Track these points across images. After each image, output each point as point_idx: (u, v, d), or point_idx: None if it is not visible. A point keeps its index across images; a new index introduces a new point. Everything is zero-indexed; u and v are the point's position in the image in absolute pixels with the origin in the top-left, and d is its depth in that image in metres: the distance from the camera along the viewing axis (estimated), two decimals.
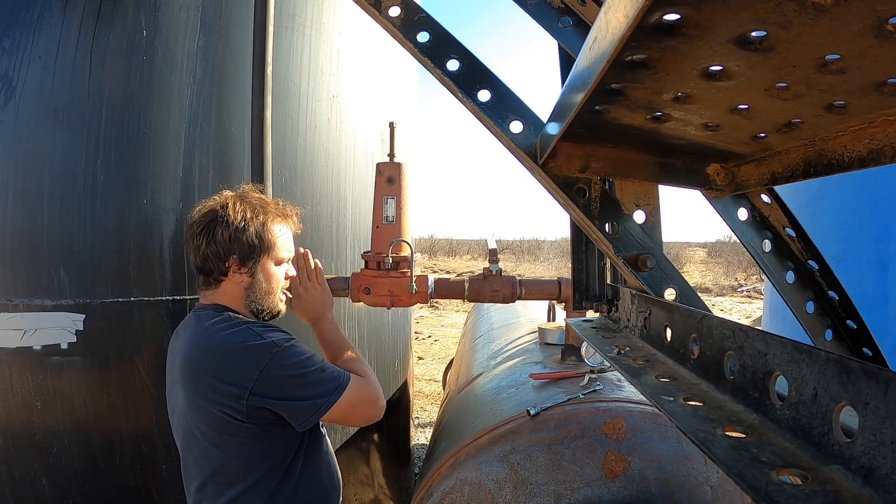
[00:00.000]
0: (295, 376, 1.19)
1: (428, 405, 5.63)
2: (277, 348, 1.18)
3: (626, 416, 1.38)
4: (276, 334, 1.23)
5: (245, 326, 1.21)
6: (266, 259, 1.30)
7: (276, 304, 1.35)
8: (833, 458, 0.40)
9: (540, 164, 0.85)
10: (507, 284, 1.73)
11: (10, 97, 1.70)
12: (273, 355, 1.17)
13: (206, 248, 1.25)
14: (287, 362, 1.18)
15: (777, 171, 0.78)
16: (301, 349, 1.23)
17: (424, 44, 0.97)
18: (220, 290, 1.30)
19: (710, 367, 0.61)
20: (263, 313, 1.33)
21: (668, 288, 0.85)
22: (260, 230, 1.28)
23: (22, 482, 1.74)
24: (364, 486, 2.42)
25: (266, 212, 1.31)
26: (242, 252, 1.26)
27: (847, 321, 0.96)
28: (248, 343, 1.17)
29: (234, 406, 1.15)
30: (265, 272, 1.30)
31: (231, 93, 1.88)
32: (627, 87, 0.57)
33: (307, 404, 1.19)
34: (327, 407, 1.20)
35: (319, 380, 1.21)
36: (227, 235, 1.24)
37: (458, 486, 1.41)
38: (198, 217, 1.29)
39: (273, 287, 1.33)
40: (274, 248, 1.31)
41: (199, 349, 1.19)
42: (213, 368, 1.17)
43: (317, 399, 1.20)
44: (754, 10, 0.38)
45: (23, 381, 1.70)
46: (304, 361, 1.21)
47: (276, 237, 1.32)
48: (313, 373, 1.21)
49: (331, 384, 1.22)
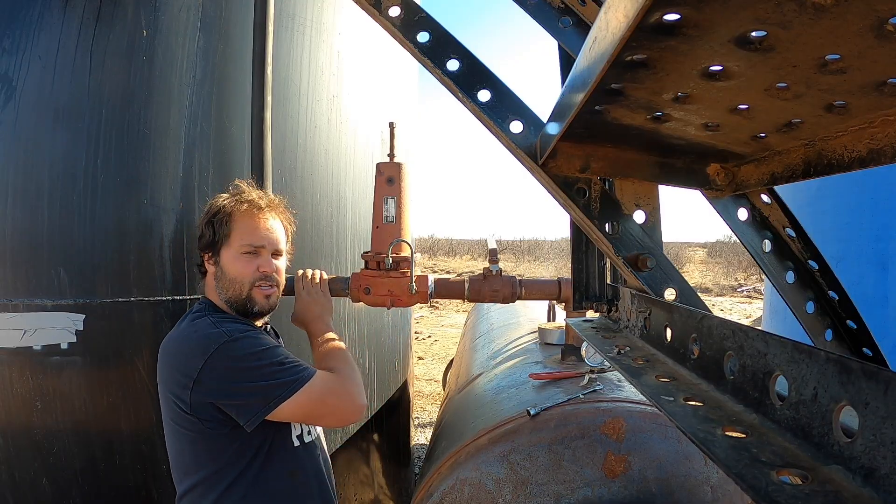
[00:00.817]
0: (244, 368, 1.13)
1: (428, 405, 5.63)
2: (227, 338, 1.14)
3: (626, 416, 1.38)
4: (235, 325, 1.19)
5: (205, 317, 1.21)
6: (226, 248, 1.29)
7: (243, 293, 1.28)
8: (833, 458, 0.40)
9: (540, 164, 0.85)
10: (507, 284, 1.73)
11: (10, 97, 1.70)
12: (221, 345, 1.13)
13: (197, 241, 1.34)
14: (237, 353, 1.13)
15: (777, 171, 0.78)
16: (259, 341, 1.18)
17: (424, 44, 0.97)
18: (206, 283, 1.35)
19: (710, 367, 0.61)
20: (233, 303, 1.29)
21: (668, 288, 0.85)
22: (216, 217, 1.28)
23: (22, 482, 1.74)
24: (364, 486, 2.42)
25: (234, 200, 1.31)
26: (203, 242, 1.30)
27: (847, 321, 0.96)
28: (200, 332, 1.17)
29: (181, 396, 1.14)
30: (227, 261, 1.28)
31: (231, 93, 1.88)
32: (627, 87, 0.57)
33: (255, 398, 1.12)
34: (278, 402, 1.12)
35: (273, 373, 1.14)
36: (200, 226, 1.32)
37: (458, 486, 1.41)
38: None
39: (237, 276, 1.28)
40: (232, 235, 1.28)
41: (167, 340, 1.24)
42: (171, 357, 1.19)
43: (266, 393, 1.12)
44: (754, 10, 0.38)
45: (23, 381, 1.69)
46: (258, 353, 1.15)
47: (238, 224, 1.29)
48: (267, 366, 1.14)
49: (286, 379, 1.14)
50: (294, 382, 1.14)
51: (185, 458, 1.21)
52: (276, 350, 1.19)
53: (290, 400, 1.13)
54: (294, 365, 1.18)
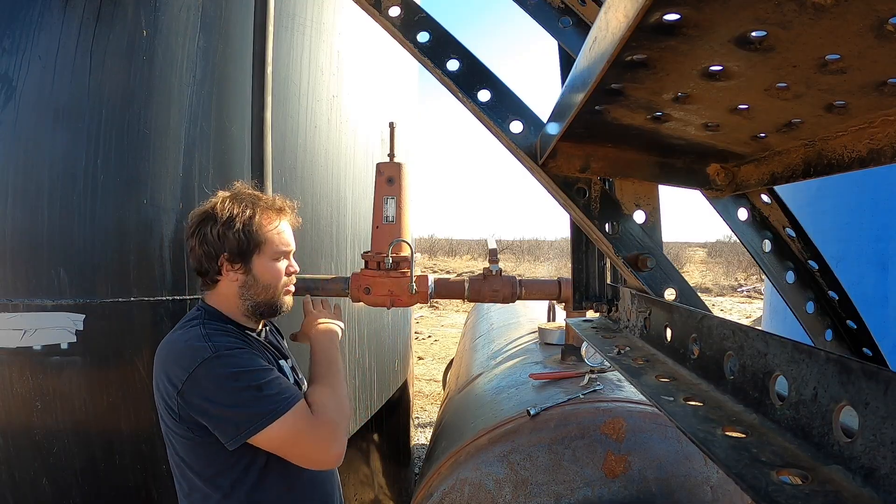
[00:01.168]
0: (222, 389, 1.09)
1: (428, 405, 5.63)
2: (212, 354, 1.10)
3: (626, 416, 1.38)
4: (224, 340, 1.15)
5: (197, 327, 1.18)
6: (259, 255, 1.26)
7: (276, 297, 1.30)
8: (833, 458, 0.40)
9: (540, 164, 0.85)
10: (507, 284, 1.73)
11: (10, 97, 1.70)
12: (205, 360, 1.10)
13: (198, 250, 1.24)
14: (219, 371, 1.10)
15: (777, 171, 0.78)
16: (245, 361, 1.13)
17: (424, 44, 0.97)
18: (216, 291, 1.28)
19: (710, 367, 0.61)
20: (261, 309, 1.28)
21: (668, 288, 0.85)
22: (248, 226, 1.23)
23: (22, 482, 1.74)
24: (364, 486, 2.42)
25: (256, 207, 1.26)
26: (232, 250, 1.22)
27: (847, 321, 0.96)
28: (189, 342, 1.14)
29: (170, 404, 1.14)
30: (260, 268, 1.26)
31: (231, 93, 1.88)
32: (627, 87, 0.57)
33: (229, 425, 1.09)
34: (251, 432, 1.08)
35: (249, 399, 1.09)
36: (215, 234, 1.21)
37: (458, 486, 1.41)
38: (191, 220, 1.27)
39: (270, 283, 1.28)
40: (266, 243, 1.26)
41: (163, 346, 1.22)
42: (161, 363, 1.17)
43: (238, 422, 1.08)
44: (754, 10, 0.38)
45: (23, 381, 1.70)
46: (240, 374, 1.10)
47: (269, 232, 1.26)
48: (245, 389, 1.09)
49: (262, 408, 1.08)
50: (268, 414, 1.08)
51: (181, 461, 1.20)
52: (258, 373, 1.13)
53: (261, 433, 1.09)
54: (274, 392, 1.11)
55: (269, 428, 1.08)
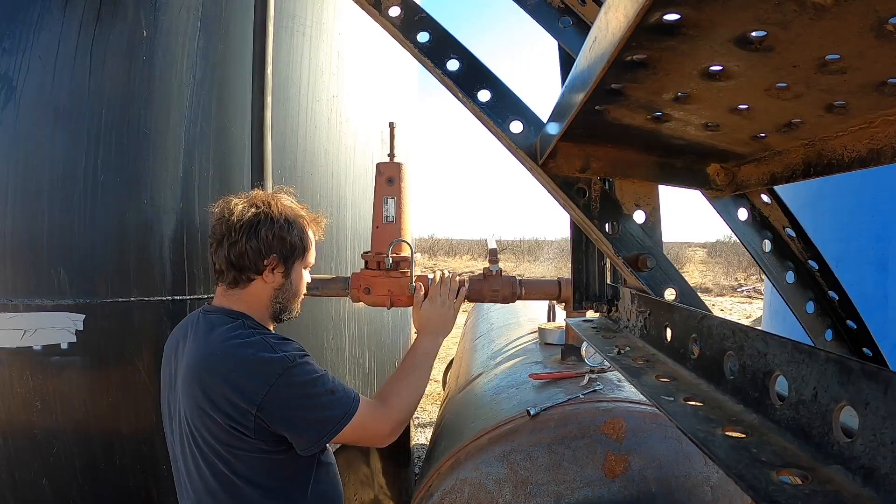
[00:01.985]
0: (304, 396, 1.13)
1: (428, 405, 5.63)
2: (290, 364, 1.13)
3: (626, 416, 1.38)
4: (291, 347, 1.19)
5: (260, 337, 1.17)
6: (300, 262, 1.31)
7: (298, 305, 1.36)
8: (833, 458, 0.40)
9: (540, 164, 0.85)
10: (507, 284, 1.73)
11: (10, 97, 1.70)
12: (285, 370, 1.11)
13: (245, 245, 1.21)
14: (298, 380, 1.13)
15: (777, 171, 0.78)
16: (312, 367, 1.18)
17: (424, 44, 0.97)
18: (247, 291, 1.26)
19: (710, 367, 0.61)
20: (282, 313, 1.32)
21: (668, 288, 0.85)
22: (304, 232, 1.31)
23: (22, 482, 1.74)
24: (364, 486, 2.42)
25: (303, 216, 1.33)
26: (284, 251, 1.25)
27: (847, 321, 0.96)
28: (261, 355, 1.12)
29: (240, 420, 1.10)
30: (297, 275, 1.32)
31: (231, 93, 1.88)
32: (627, 87, 0.57)
33: (311, 431, 1.14)
34: (330, 436, 1.16)
35: (327, 403, 1.15)
36: (271, 234, 1.23)
37: (458, 486, 1.41)
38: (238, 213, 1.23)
39: (300, 289, 1.34)
40: (309, 251, 1.33)
41: (213, 356, 1.14)
42: (225, 377, 1.11)
43: (319, 427, 1.15)
44: (754, 10, 0.38)
45: (23, 381, 1.70)
46: (314, 381, 1.15)
47: (311, 243, 1.35)
48: (322, 394, 1.15)
49: (337, 411, 1.16)
50: (343, 417, 1.16)
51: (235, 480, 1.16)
52: (325, 376, 1.18)
53: (339, 434, 1.17)
54: (342, 395, 1.18)
55: (345, 427, 1.16)
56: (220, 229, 1.23)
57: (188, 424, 1.17)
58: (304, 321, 2.08)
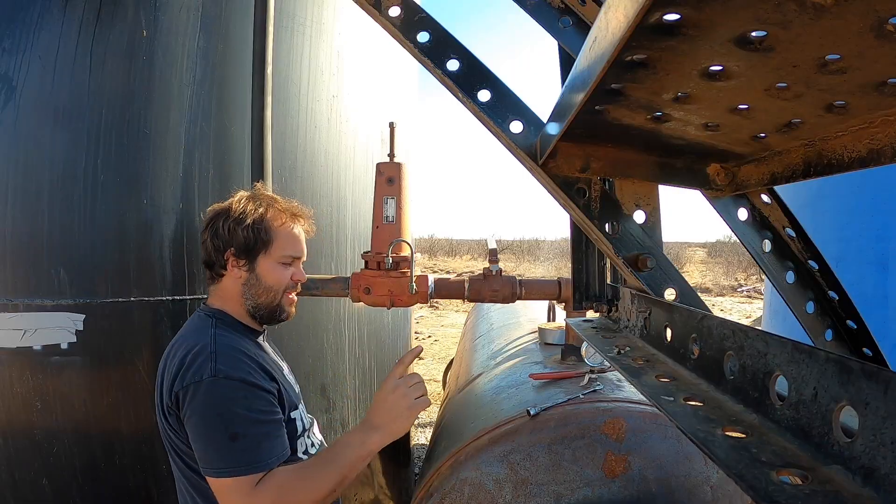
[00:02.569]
0: (205, 418, 1.05)
1: None
2: (211, 377, 1.05)
3: (626, 416, 1.38)
4: (234, 365, 1.09)
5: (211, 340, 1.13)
6: (265, 255, 1.25)
7: (276, 301, 1.27)
8: (833, 458, 0.40)
9: (540, 164, 0.85)
10: (507, 284, 1.73)
11: (10, 97, 1.70)
12: (196, 382, 1.05)
13: (209, 242, 1.24)
14: (204, 397, 1.05)
15: (777, 171, 0.78)
16: (236, 400, 1.05)
17: (424, 44, 0.97)
18: (221, 287, 1.27)
19: (710, 367, 0.61)
20: (261, 312, 1.27)
21: (668, 288, 0.85)
22: (259, 224, 1.23)
23: (22, 482, 1.74)
24: (364, 486, 2.42)
25: (270, 207, 1.26)
26: (239, 245, 1.22)
27: (847, 321, 0.96)
28: (199, 355, 1.09)
29: (169, 414, 1.12)
30: (264, 269, 1.24)
31: (231, 93, 1.88)
32: (627, 87, 0.57)
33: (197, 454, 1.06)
34: (206, 472, 1.05)
35: (215, 443, 1.03)
36: (226, 228, 1.22)
37: (458, 486, 1.41)
38: (207, 213, 1.29)
39: (272, 285, 1.25)
40: (272, 244, 1.25)
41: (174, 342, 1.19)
42: (165, 370, 1.14)
43: (201, 457, 1.05)
44: (754, 10, 0.38)
45: (23, 381, 1.70)
46: (223, 413, 1.04)
47: (278, 234, 1.26)
48: (218, 431, 1.03)
49: (216, 458, 1.03)
50: (217, 469, 1.03)
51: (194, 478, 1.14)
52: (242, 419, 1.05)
53: (213, 480, 1.05)
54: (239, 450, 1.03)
55: (217, 479, 1.04)
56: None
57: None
58: (305, 321, 2.08)
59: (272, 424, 1.10)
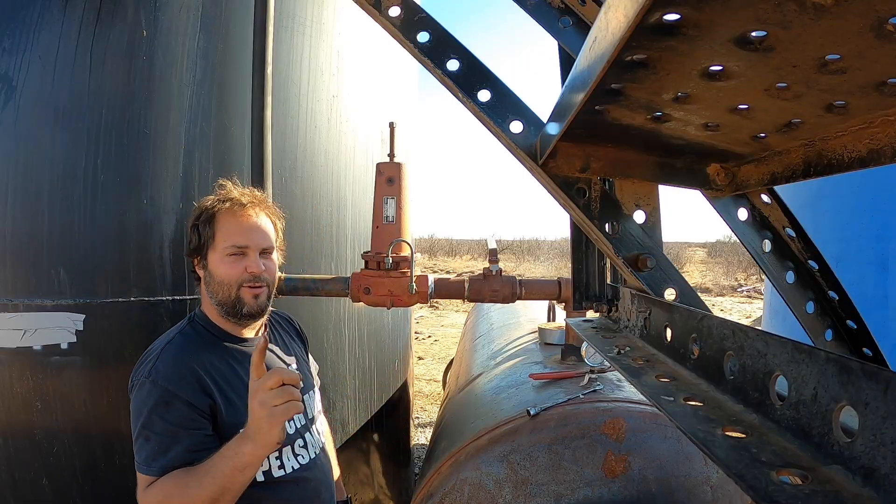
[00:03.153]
0: (134, 413, 1.14)
1: (428, 405, 5.63)
2: (144, 379, 1.13)
3: (626, 416, 1.38)
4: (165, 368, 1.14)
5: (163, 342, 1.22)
6: (213, 251, 1.23)
7: (231, 295, 1.22)
8: (833, 458, 0.40)
9: (540, 164, 0.85)
10: (507, 284, 1.73)
11: (10, 97, 1.70)
12: (137, 382, 1.15)
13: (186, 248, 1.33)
14: (137, 394, 1.14)
15: (777, 171, 0.78)
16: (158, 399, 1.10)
17: (424, 44, 0.97)
18: (201, 291, 1.31)
19: (710, 367, 0.61)
20: (225, 309, 1.24)
21: (668, 288, 0.85)
22: (204, 220, 1.24)
23: (22, 482, 1.74)
24: (364, 486, 2.42)
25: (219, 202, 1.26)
26: (192, 245, 1.27)
27: (847, 321, 0.96)
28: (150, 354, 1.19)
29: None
30: (213, 264, 1.24)
31: (231, 93, 1.88)
32: (627, 87, 0.57)
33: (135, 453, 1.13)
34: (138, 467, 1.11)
35: (136, 439, 1.12)
36: (187, 230, 1.30)
37: (458, 486, 1.41)
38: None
39: (223, 279, 1.22)
40: (215, 237, 1.23)
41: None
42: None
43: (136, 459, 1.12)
44: (754, 10, 0.38)
45: (23, 381, 1.70)
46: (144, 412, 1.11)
47: (220, 227, 1.23)
48: (139, 430, 1.12)
49: (137, 455, 1.11)
50: (137, 464, 1.11)
51: None
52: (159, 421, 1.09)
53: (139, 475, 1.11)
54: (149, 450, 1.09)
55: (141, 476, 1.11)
56: None
57: None
58: (305, 321, 2.08)
59: (182, 434, 1.10)
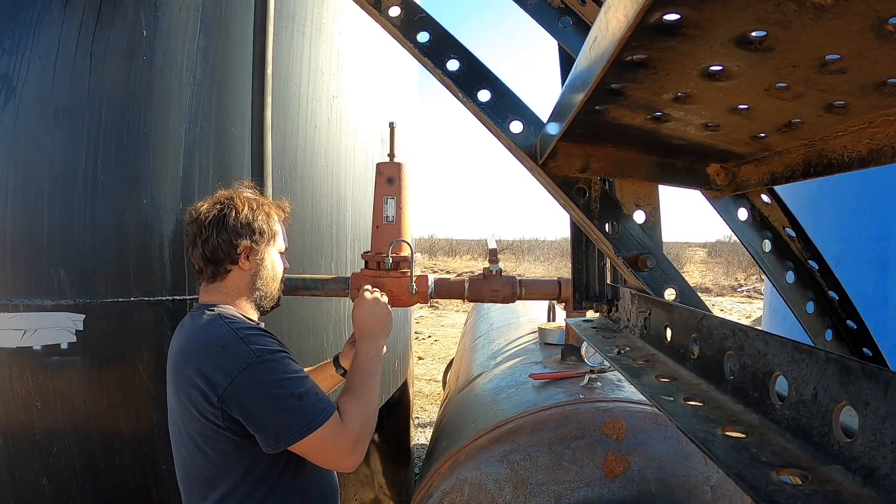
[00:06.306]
0: (266, 395, 1.10)
1: (428, 405, 5.63)
2: (256, 359, 1.11)
3: (626, 416, 1.38)
4: (263, 342, 1.16)
5: (230, 329, 1.16)
6: (272, 246, 1.34)
7: (277, 291, 1.37)
8: (833, 458, 0.40)
9: (540, 164, 0.85)
10: (507, 284, 1.73)
11: (10, 97, 1.70)
12: (250, 364, 1.10)
13: (216, 238, 1.25)
14: (263, 377, 1.11)
15: (777, 171, 0.78)
16: (284, 366, 1.14)
17: (424, 44, 0.97)
18: (226, 283, 1.28)
19: (710, 367, 0.61)
20: (265, 301, 1.34)
21: (668, 288, 0.85)
22: (266, 218, 1.33)
23: (22, 482, 1.74)
24: (364, 486, 2.42)
25: (266, 203, 1.37)
26: (253, 237, 1.28)
27: (847, 321, 0.96)
28: (229, 346, 1.13)
29: (210, 410, 1.12)
30: (272, 259, 1.34)
31: (231, 93, 1.88)
32: (627, 87, 0.57)
33: (268, 432, 1.11)
34: (288, 443, 1.11)
35: (291, 408, 1.11)
36: (237, 223, 1.27)
37: (458, 486, 1.41)
38: (204, 212, 1.28)
39: (277, 274, 1.36)
40: (277, 236, 1.36)
41: (187, 350, 1.18)
42: (196, 369, 1.13)
43: (279, 430, 1.11)
44: (754, 10, 0.38)
45: (23, 381, 1.70)
46: (282, 381, 1.12)
47: (279, 226, 1.37)
48: (287, 397, 1.11)
49: (299, 419, 1.11)
50: (304, 428, 1.11)
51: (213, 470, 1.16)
52: (297, 380, 1.14)
53: (297, 444, 1.12)
54: (312, 401, 1.13)
55: (304, 441, 1.11)
56: (192, 230, 1.30)
57: (176, 417, 1.21)
58: (305, 321, 2.08)
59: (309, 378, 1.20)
